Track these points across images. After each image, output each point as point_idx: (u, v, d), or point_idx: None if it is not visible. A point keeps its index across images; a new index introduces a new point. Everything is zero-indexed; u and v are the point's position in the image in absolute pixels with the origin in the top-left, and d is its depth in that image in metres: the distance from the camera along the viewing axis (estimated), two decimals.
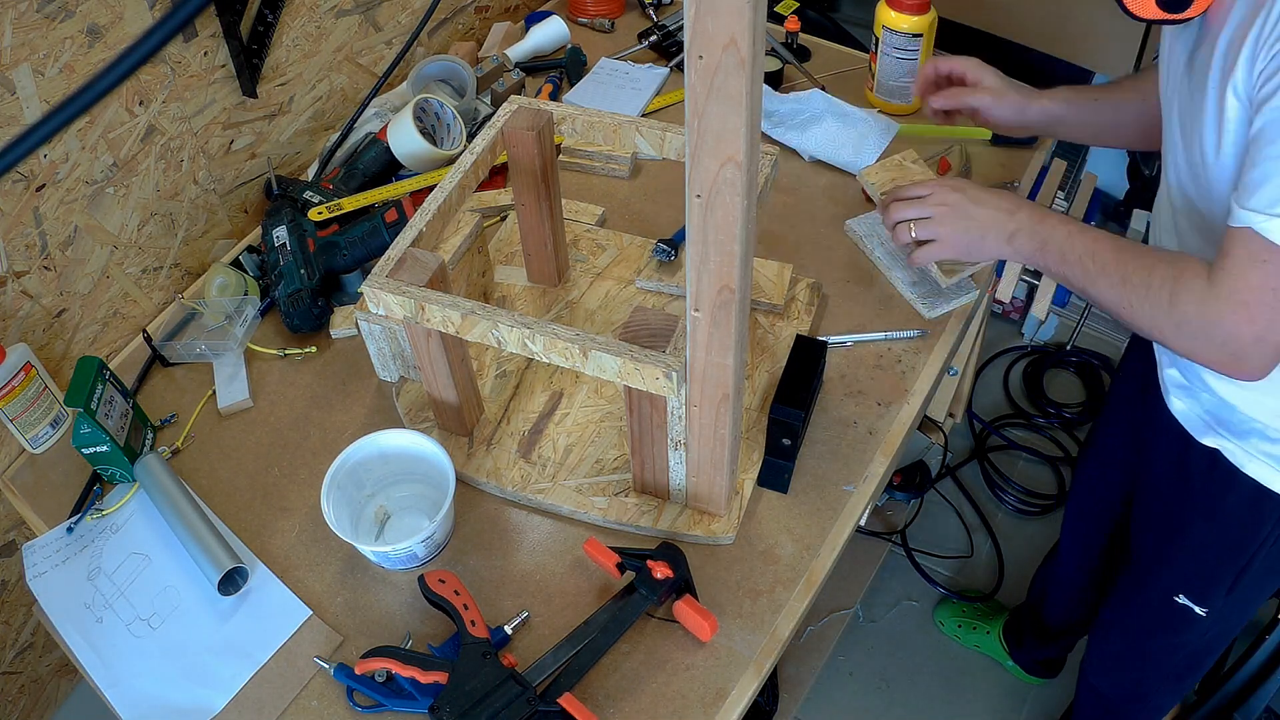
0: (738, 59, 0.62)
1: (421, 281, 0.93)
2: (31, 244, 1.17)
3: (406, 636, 0.99)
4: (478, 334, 0.92)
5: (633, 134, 1.07)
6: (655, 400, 0.92)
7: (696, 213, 0.73)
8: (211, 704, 0.96)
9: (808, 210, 1.37)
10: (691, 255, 0.77)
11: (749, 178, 0.70)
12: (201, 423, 1.20)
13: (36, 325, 1.22)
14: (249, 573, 1.05)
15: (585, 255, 1.30)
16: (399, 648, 0.95)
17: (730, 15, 0.60)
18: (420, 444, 1.05)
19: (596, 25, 1.74)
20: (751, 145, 0.68)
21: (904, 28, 1.40)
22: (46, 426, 1.19)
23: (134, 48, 0.31)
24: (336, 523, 1.00)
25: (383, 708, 0.94)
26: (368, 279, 0.93)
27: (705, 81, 0.64)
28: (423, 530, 0.98)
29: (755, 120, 0.68)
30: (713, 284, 0.78)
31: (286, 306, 1.22)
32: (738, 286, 0.77)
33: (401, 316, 0.94)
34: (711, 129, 0.67)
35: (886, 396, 1.15)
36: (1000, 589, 1.94)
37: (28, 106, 1.10)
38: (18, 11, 1.05)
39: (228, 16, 1.28)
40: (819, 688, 1.80)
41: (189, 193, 1.35)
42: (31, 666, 1.56)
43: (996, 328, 2.37)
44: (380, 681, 0.95)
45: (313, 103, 1.49)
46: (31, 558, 1.09)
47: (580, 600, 1.01)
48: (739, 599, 1.00)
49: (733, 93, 0.64)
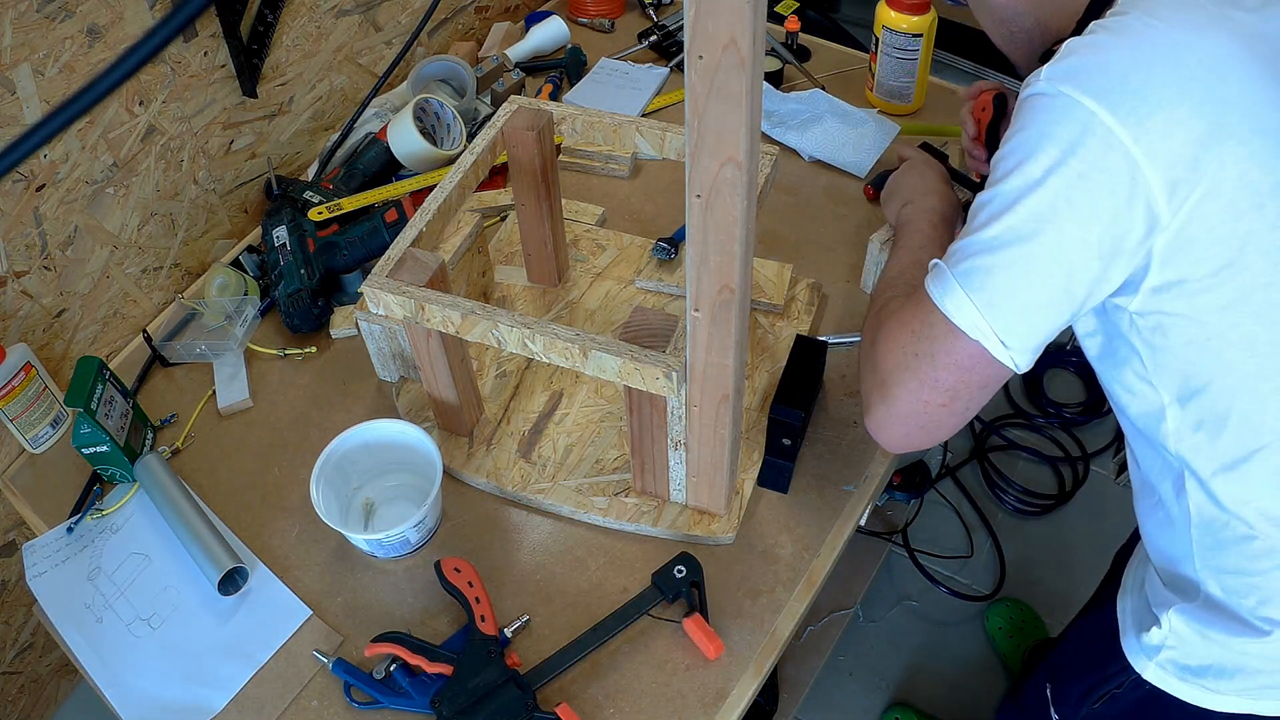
0: (738, 59, 0.61)
1: (421, 281, 0.93)
2: (31, 244, 1.17)
3: (406, 635, 0.98)
4: (478, 334, 0.92)
5: (633, 134, 1.07)
6: (655, 400, 0.92)
7: (696, 212, 0.73)
8: (212, 704, 0.96)
9: (808, 210, 1.37)
10: (691, 255, 0.77)
11: (749, 178, 0.70)
12: (201, 423, 1.20)
13: (36, 325, 1.22)
14: (249, 573, 1.05)
15: (585, 255, 1.30)
16: (407, 635, 0.95)
17: (730, 15, 0.60)
18: (403, 432, 1.05)
19: (596, 25, 1.74)
20: (751, 145, 0.68)
21: (904, 28, 1.40)
22: (46, 426, 1.19)
23: (134, 49, 0.31)
24: (327, 515, 1.00)
25: (380, 705, 0.94)
26: (368, 279, 0.93)
27: (705, 81, 0.64)
28: (414, 516, 0.99)
29: (755, 120, 0.68)
30: (713, 284, 0.78)
31: (286, 306, 1.22)
32: (738, 286, 0.77)
33: (401, 316, 0.94)
34: (711, 129, 0.67)
35: None
36: (1001, 589, 1.94)
37: (28, 106, 1.10)
38: (18, 11, 1.05)
39: (228, 16, 1.28)
40: (819, 688, 1.80)
41: (189, 193, 1.35)
42: (31, 666, 1.56)
43: None
44: (379, 678, 0.95)
45: (313, 103, 1.49)
46: (31, 558, 1.09)
47: (580, 601, 1.01)
48: (739, 599, 1.00)
49: (733, 93, 0.64)
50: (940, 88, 1.56)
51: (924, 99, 1.51)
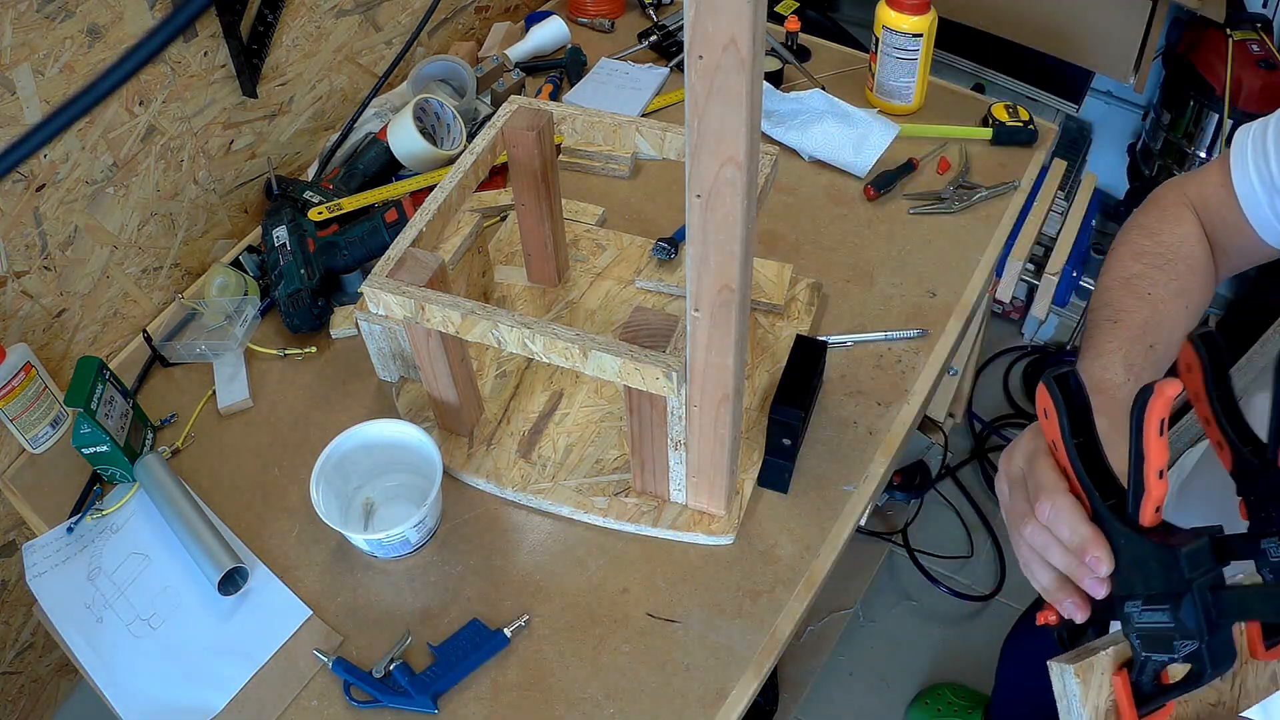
0: (738, 59, 0.61)
1: (422, 281, 0.93)
2: (31, 244, 1.17)
3: (406, 634, 0.99)
4: (478, 334, 0.92)
5: (633, 134, 1.07)
6: (655, 400, 0.92)
7: (696, 212, 0.73)
8: (211, 704, 0.96)
9: (808, 210, 1.37)
10: (691, 255, 0.77)
11: (749, 178, 0.70)
12: (201, 423, 1.20)
13: (36, 325, 1.22)
14: (249, 573, 1.05)
15: (585, 255, 1.30)
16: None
17: (730, 15, 0.59)
18: (403, 432, 1.05)
19: (596, 25, 1.74)
20: (751, 145, 0.68)
21: (904, 28, 1.40)
22: (46, 426, 1.19)
23: (135, 50, 0.31)
24: (327, 515, 1.00)
25: (380, 703, 0.94)
26: (368, 279, 0.93)
27: (705, 81, 0.64)
28: (414, 516, 0.99)
29: (755, 120, 0.67)
30: (713, 284, 0.78)
31: (286, 306, 1.22)
32: (738, 286, 0.77)
33: (401, 316, 0.94)
34: (711, 129, 0.67)
35: (886, 396, 1.15)
36: (1001, 589, 1.94)
37: (28, 106, 1.10)
38: (18, 11, 1.05)
39: (228, 16, 1.28)
40: (819, 688, 1.81)
41: (189, 193, 1.35)
42: (31, 666, 1.56)
43: (996, 328, 2.37)
44: (378, 677, 0.95)
45: (313, 103, 1.49)
46: (31, 557, 1.09)
47: (580, 600, 1.01)
48: (739, 599, 1.00)
49: (733, 93, 0.64)
50: (941, 88, 1.56)
51: (924, 99, 1.51)
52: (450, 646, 0.97)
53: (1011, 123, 1.44)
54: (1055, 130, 1.48)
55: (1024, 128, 1.44)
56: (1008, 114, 1.45)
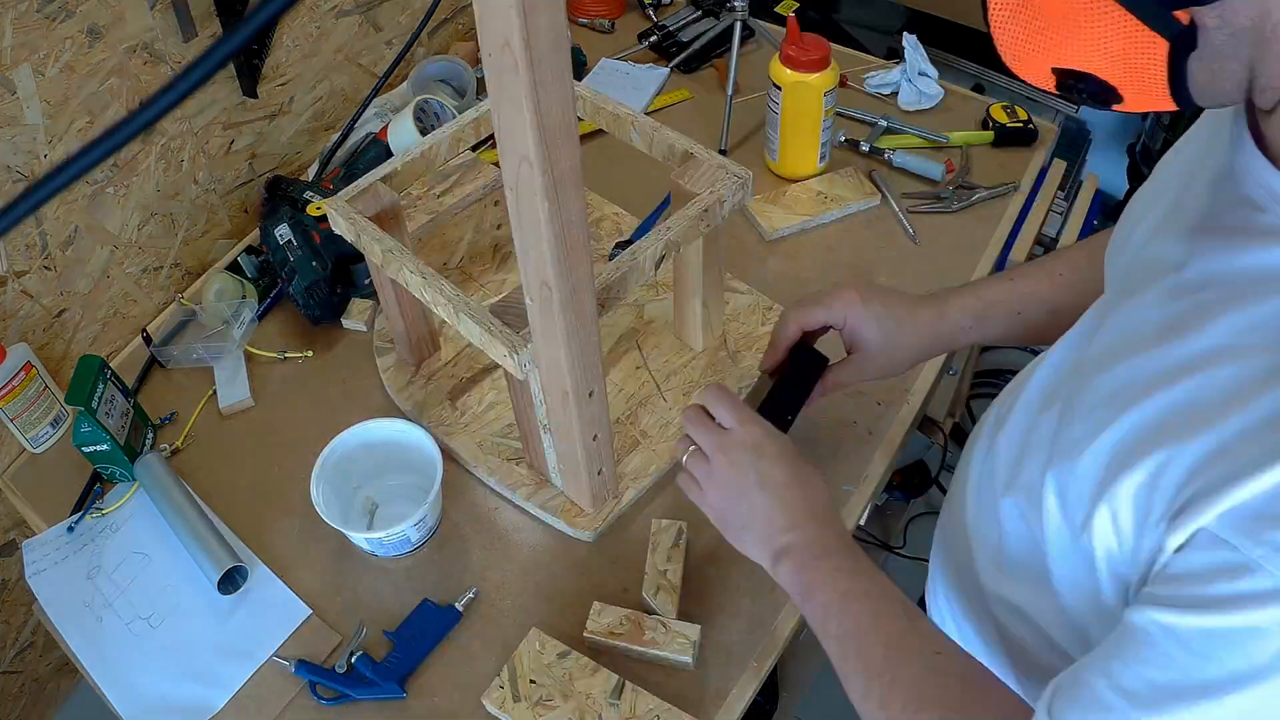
0: (512, 61, 0.61)
1: (369, 214, 1.00)
2: (32, 244, 1.17)
3: (360, 626, 0.99)
4: (392, 272, 0.98)
5: (629, 128, 1.08)
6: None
7: (511, 205, 0.75)
8: (211, 703, 0.97)
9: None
10: (516, 244, 0.79)
11: (546, 178, 0.68)
12: (202, 422, 1.20)
13: (37, 325, 1.22)
14: (249, 572, 1.05)
15: None
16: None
17: (500, 18, 0.59)
18: (403, 431, 1.06)
19: (596, 25, 1.74)
20: (542, 146, 0.66)
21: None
22: (47, 426, 1.20)
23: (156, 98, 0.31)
24: (327, 514, 1.00)
25: (349, 698, 0.95)
26: (330, 198, 1.01)
27: (495, 80, 0.65)
28: (414, 515, 0.99)
29: (549, 122, 0.65)
30: (534, 278, 0.79)
31: (306, 299, 1.22)
32: (555, 286, 0.77)
33: (351, 239, 1.01)
34: (504, 126, 0.68)
35: (886, 396, 1.15)
36: None
37: (28, 107, 1.10)
38: (18, 11, 1.06)
39: (227, 16, 1.28)
40: (819, 688, 1.80)
41: (189, 193, 1.35)
42: (31, 666, 1.56)
43: None
44: (341, 672, 0.95)
45: (313, 103, 1.49)
46: (31, 555, 1.09)
47: (580, 600, 1.00)
48: (739, 599, 1.00)
49: (513, 94, 0.63)
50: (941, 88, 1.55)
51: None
52: (406, 630, 0.98)
53: (1011, 123, 1.44)
54: (1055, 130, 1.48)
55: (1024, 128, 1.44)
56: (1007, 115, 1.45)
